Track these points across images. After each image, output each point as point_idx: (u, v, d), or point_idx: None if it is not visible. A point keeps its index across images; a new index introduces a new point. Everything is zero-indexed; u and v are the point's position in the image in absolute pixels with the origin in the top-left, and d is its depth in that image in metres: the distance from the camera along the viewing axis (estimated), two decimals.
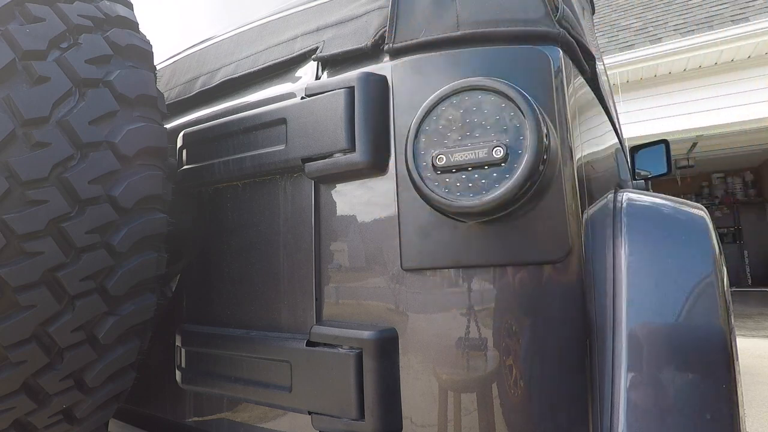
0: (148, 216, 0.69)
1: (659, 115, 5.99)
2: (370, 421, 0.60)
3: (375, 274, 0.65)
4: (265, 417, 0.75)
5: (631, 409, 0.60)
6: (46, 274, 0.60)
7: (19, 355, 0.61)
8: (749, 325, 6.23)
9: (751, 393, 3.53)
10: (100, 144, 0.63)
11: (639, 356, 0.63)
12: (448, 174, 0.55)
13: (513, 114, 0.53)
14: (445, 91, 0.56)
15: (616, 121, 1.44)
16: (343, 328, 0.64)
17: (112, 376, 0.72)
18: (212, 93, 0.92)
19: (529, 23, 0.63)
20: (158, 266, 0.72)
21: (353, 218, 0.67)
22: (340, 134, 0.64)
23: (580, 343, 0.58)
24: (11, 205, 0.57)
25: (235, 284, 0.79)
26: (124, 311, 0.68)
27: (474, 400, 0.58)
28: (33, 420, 0.67)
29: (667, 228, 0.71)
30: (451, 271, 0.60)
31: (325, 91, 0.67)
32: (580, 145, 0.67)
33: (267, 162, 0.73)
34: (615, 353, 0.64)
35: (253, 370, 0.73)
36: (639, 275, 0.66)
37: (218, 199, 0.83)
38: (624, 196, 0.76)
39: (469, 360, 0.58)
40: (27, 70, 0.59)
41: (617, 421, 0.59)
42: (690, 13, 6.24)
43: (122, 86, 0.66)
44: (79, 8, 0.66)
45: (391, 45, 0.67)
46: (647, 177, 2.34)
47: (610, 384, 0.62)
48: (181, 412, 0.87)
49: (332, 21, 0.77)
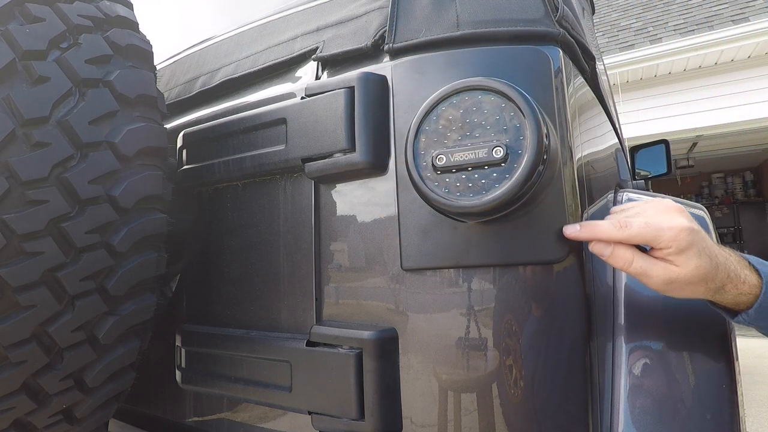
0: (148, 216, 0.68)
1: (659, 115, 5.98)
2: (370, 421, 0.60)
3: (375, 274, 0.65)
4: (265, 417, 0.75)
5: (631, 409, 0.60)
6: (46, 274, 0.60)
7: (19, 355, 0.61)
8: None
9: (751, 393, 3.53)
10: (100, 144, 0.63)
11: (639, 356, 0.63)
12: (448, 174, 0.55)
13: (513, 114, 0.53)
14: (445, 91, 0.56)
15: (616, 121, 1.44)
16: (343, 328, 0.64)
17: (112, 376, 0.72)
18: (212, 93, 0.92)
19: (529, 23, 0.63)
20: (158, 266, 0.72)
21: (353, 218, 0.67)
22: (340, 134, 0.64)
23: (580, 343, 0.58)
24: (11, 205, 0.57)
25: (235, 284, 0.79)
26: (124, 311, 0.68)
27: (474, 400, 0.58)
28: (33, 420, 0.67)
29: None
30: (451, 271, 0.60)
31: (325, 91, 0.67)
32: (580, 145, 0.67)
33: (267, 162, 0.73)
34: (615, 353, 0.64)
35: (253, 370, 0.73)
36: None
37: (218, 199, 0.83)
38: (624, 196, 0.76)
39: (469, 360, 0.58)
40: (27, 70, 0.59)
41: (617, 421, 0.59)
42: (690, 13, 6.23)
43: (122, 86, 0.66)
44: (79, 8, 0.66)
45: (391, 45, 0.67)
46: (647, 177, 2.33)
47: (610, 384, 0.62)
48: (181, 412, 0.87)
49: (332, 21, 0.77)
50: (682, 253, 0.54)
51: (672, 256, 0.54)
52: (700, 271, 0.54)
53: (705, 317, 0.65)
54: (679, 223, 0.54)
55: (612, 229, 0.56)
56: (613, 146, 1.22)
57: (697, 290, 0.56)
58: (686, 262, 0.54)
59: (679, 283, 0.55)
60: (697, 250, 0.54)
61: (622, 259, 0.56)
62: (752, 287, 0.57)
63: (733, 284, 0.57)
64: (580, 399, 0.57)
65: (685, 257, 0.54)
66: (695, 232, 0.54)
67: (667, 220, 0.55)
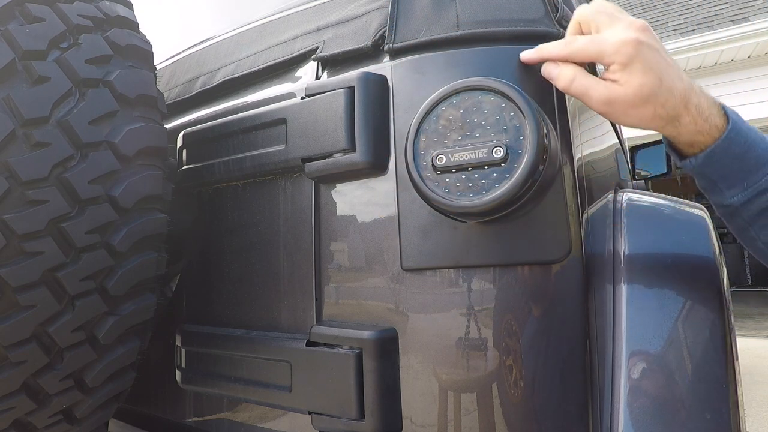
0: (148, 216, 0.69)
1: None
2: (370, 421, 0.60)
3: (375, 274, 0.65)
4: (265, 417, 0.75)
5: (631, 409, 0.60)
6: (46, 274, 0.60)
7: (19, 355, 0.61)
8: (749, 325, 6.24)
9: (751, 393, 3.53)
10: (100, 144, 0.63)
11: (639, 356, 0.63)
12: (448, 174, 0.55)
13: (513, 114, 0.53)
14: (445, 91, 0.56)
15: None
16: (343, 328, 0.64)
17: (112, 376, 0.72)
18: (212, 93, 0.92)
19: (529, 23, 0.63)
20: (158, 266, 0.72)
21: (353, 218, 0.67)
22: (340, 134, 0.64)
23: (580, 343, 0.58)
24: (11, 205, 0.57)
25: (235, 284, 0.79)
26: (124, 311, 0.68)
27: (474, 400, 0.58)
28: (33, 420, 0.67)
29: (667, 228, 0.71)
30: (451, 271, 0.60)
31: (325, 91, 0.67)
32: (580, 145, 0.67)
33: (267, 162, 0.73)
34: (615, 353, 0.64)
35: (253, 370, 0.73)
36: (639, 275, 0.66)
37: (218, 199, 0.83)
38: (624, 196, 0.76)
39: (469, 360, 0.58)
40: (27, 70, 0.59)
41: (617, 421, 0.59)
42: (690, 13, 6.23)
43: (122, 86, 0.66)
44: (79, 8, 0.66)
45: (391, 45, 0.67)
46: (647, 177, 2.33)
47: (610, 384, 0.62)
48: (181, 412, 0.87)
49: (332, 21, 0.77)
50: (626, 69, 0.49)
51: (617, 74, 0.50)
52: (643, 91, 0.49)
53: (705, 317, 0.65)
54: (624, 36, 0.49)
55: (558, 46, 0.54)
56: (613, 146, 1.22)
57: (643, 115, 0.51)
58: (629, 79, 0.49)
59: (620, 104, 0.50)
60: (643, 67, 0.48)
61: (564, 77, 0.53)
62: (714, 128, 0.52)
63: (691, 118, 0.51)
64: (580, 399, 0.57)
65: (628, 73, 0.49)
66: (642, 45, 0.49)
67: (615, 33, 0.50)
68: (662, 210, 0.75)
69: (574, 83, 0.53)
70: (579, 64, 0.55)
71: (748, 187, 0.55)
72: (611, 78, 0.51)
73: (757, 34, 5.34)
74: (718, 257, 0.68)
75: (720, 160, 0.54)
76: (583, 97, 0.53)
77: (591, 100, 0.53)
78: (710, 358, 0.63)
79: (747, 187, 0.55)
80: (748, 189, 0.55)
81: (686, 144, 0.55)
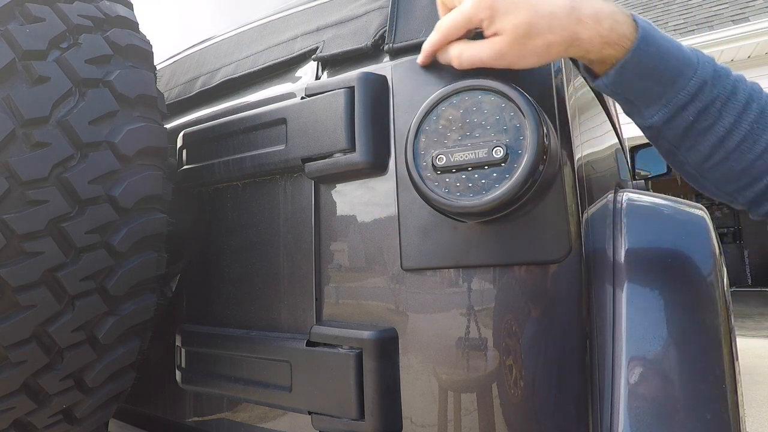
0: (148, 216, 0.69)
1: None
2: (370, 421, 0.60)
3: (375, 274, 0.65)
4: (265, 417, 0.75)
5: (631, 409, 0.59)
6: (46, 274, 0.60)
7: (19, 355, 0.61)
8: (749, 325, 6.24)
9: (751, 393, 3.53)
10: (100, 144, 0.63)
11: (639, 356, 0.63)
12: (448, 174, 0.55)
13: (513, 114, 0.53)
14: (445, 91, 0.56)
15: (616, 121, 1.44)
16: (343, 328, 0.64)
17: (112, 376, 0.72)
18: (212, 93, 0.92)
19: None
20: (158, 266, 0.72)
21: (353, 218, 0.67)
22: (340, 134, 0.64)
23: (580, 343, 0.58)
24: (11, 205, 0.57)
25: (235, 284, 0.79)
26: (124, 311, 0.68)
27: (474, 400, 0.58)
28: (33, 420, 0.67)
29: (667, 228, 0.71)
30: (451, 271, 0.60)
31: (325, 91, 0.67)
32: (580, 145, 0.67)
33: (267, 162, 0.73)
34: (615, 353, 0.64)
35: (253, 370, 0.73)
36: (639, 275, 0.66)
37: (218, 199, 0.83)
38: (624, 196, 0.76)
39: (469, 360, 0.58)
40: (27, 70, 0.59)
41: (617, 421, 0.59)
42: (690, 13, 6.24)
43: (122, 86, 0.66)
44: (79, 8, 0.66)
45: (391, 45, 0.67)
46: (647, 177, 2.33)
47: (610, 384, 0.62)
48: (181, 412, 0.87)
49: (332, 21, 0.77)
50: (494, 19, 0.49)
51: (491, 27, 0.49)
52: (520, 29, 0.48)
53: (705, 317, 0.65)
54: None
55: (435, 34, 0.55)
56: (613, 146, 1.22)
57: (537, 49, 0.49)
58: (502, 26, 0.48)
59: (510, 52, 0.50)
60: (506, 8, 0.48)
61: (453, 56, 0.54)
62: (623, 38, 0.49)
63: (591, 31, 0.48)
64: (580, 399, 0.57)
65: (499, 22, 0.48)
66: None
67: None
68: (662, 210, 0.75)
69: (463, 57, 0.53)
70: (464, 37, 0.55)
71: (667, 104, 0.52)
72: (490, 34, 0.51)
73: (757, 34, 5.34)
74: (718, 257, 0.68)
75: (633, 75, 0.51)
76: (478, 63, 0.53)
77: (486, 62, 0.52)
78: (710, 358, 0.63)
79: (666, 103, 0.52)
80: (667, 105, 0.52)
81: (599, 62, 0.52)
